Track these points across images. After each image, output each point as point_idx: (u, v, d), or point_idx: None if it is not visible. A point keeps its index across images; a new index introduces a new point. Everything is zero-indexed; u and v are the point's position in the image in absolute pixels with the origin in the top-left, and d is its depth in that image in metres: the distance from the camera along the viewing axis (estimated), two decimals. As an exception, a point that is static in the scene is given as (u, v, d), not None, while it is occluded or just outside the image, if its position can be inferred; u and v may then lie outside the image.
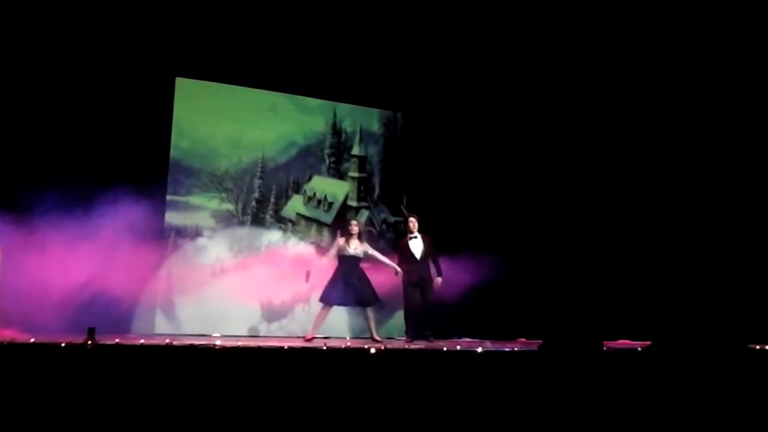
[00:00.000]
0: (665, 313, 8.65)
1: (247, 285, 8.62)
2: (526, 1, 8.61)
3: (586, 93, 9.81)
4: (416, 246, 8.16)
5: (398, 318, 9.08)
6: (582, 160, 9.91)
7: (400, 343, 7.72)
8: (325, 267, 7.79)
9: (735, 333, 6.81)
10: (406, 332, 8.18)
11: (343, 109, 9.69)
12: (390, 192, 9.87)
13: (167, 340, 5.88)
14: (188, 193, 8.68)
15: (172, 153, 8.60)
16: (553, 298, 9.15)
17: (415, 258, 8.12)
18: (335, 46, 8.97)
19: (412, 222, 8.27)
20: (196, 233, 8.66)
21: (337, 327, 9.09)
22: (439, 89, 9.83)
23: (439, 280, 8.18)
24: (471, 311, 8.87)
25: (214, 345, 5.69)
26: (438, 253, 8.31)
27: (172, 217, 8.55)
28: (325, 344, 6.36)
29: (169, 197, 8.56)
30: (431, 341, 7.77)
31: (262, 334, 8.72)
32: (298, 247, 9.16)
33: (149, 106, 8.33)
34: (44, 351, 4.84)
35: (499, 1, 8.57)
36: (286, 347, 5.89)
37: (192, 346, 5.53)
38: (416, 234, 8.21)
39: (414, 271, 8.11)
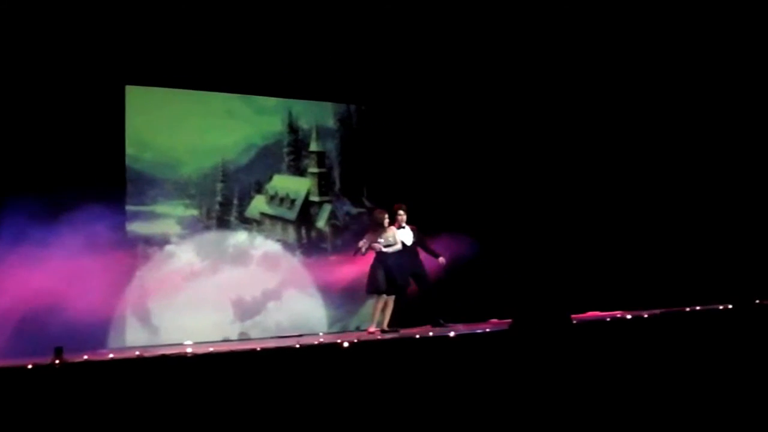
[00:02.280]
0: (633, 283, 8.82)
1: (218, 286, 8.69)
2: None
3: (546, 73, 9.90)
4: (406, 235, 8.17)
5: (368, 307, 9.07)
6: (544, 140, 10.00)
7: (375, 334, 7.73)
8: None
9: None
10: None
11: (298, 107, 9.66)
12: (350, 185, 9.89)
13: (137, 353, 5.83)
14: (153, 202, 8.64)
15: (136, 165, 8.54)
16: (520, 275, 9.25)
17: (405, 244, 8.12)
18: (286, 41, 8.93)
19: (401, 215, 8.20)
20: (164, 241, 8.63)
21: (314, 322, 9.20)
22: (390, 80, 9.83)
23: (442, 259, 8.31)
24: (439, 296, 8.87)
25: (186, 353, 5.67)
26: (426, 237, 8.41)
27: (138, 227, 8.50)
28: (297, 342, 6.35)
29: (133, 207, 8.49)
30: (444, 326, 7.83)
31: (236, 332, 8.75)
32: (264, 246, 9.19)
33: (96, 116, 8.15)
34: (10, 374, 4.78)
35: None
36: (258, 349, 5.90)
37: (163, 356, 5.51)
38: (404, 225, 8.21)
39: (408, 258, 8.12)
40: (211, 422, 4.53)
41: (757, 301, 7.42)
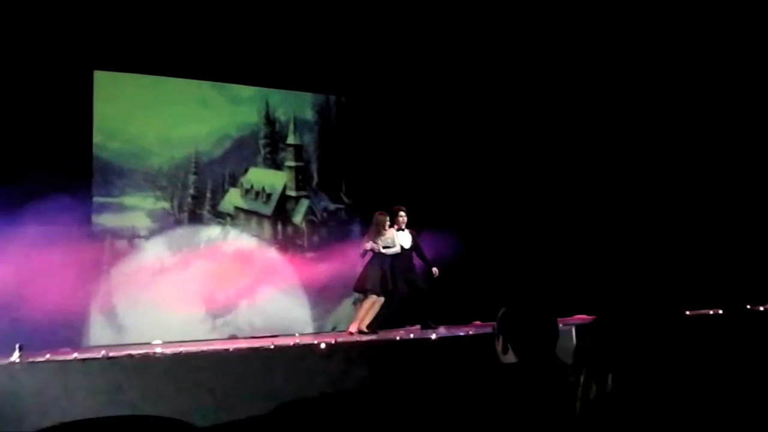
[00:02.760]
0: (615, 286, 8.71)
1: (189, 283, 8.45)
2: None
3: (531, 67, 9.77)
4: (405, 238, 8.09)
5: (346, 306, 8.94)
6: (534, 139, 9.87)
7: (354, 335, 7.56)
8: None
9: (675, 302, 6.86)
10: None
11: (275, 97, 9.46)
12: (329, 180, 9.73)
13: (103, 352, 5.59)
14: (122, 193, 8.40)
15: (103, 154, 8.29)
16: (506, 276, 9.12)
17: (404, 247, 8.04)
18: (263, 27, 8.67)
19: (402, 216, 8.10)
20: (132, 234, 8.40)
21: (289, 321, 8.94)
22: (371, 71, 9.63)
23: (435, 270, 8.23)
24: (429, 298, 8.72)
25: (155, 353, 5.46)
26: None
27: (105, 219, 8.26)
28: (272, 343, 6.15)
29: (101, 199, 8.26)
30: (434, 328, 7.73)
31: (207, 331, 8.50)
32: (238, 242, 8.98)
33: (62, 101, 7.85)
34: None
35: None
36: (231, 349, 5.74)
37: (130, 356, 5.30)
38: (404, 228, 8.12)
39: (402, 261, 8.03)
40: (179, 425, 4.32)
41: (749, 307, 7.34)
